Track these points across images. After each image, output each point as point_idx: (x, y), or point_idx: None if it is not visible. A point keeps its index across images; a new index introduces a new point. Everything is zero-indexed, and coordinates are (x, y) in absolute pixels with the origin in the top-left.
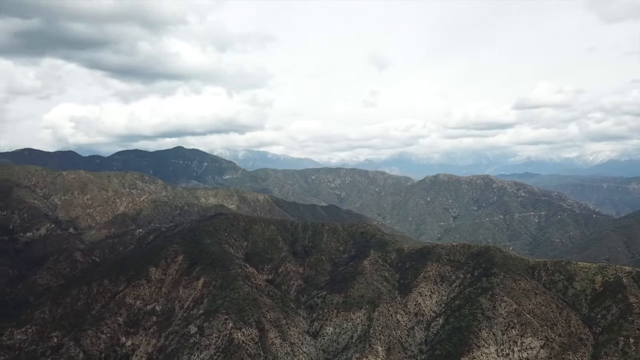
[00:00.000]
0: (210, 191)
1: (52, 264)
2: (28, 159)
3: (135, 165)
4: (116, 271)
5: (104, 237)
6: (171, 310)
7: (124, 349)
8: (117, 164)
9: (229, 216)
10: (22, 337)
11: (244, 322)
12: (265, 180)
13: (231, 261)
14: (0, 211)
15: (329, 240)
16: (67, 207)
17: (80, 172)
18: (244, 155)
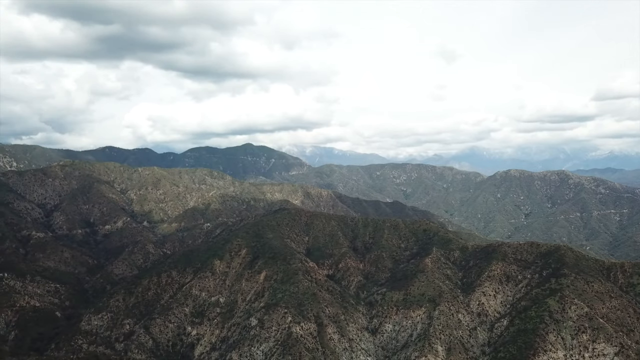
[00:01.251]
0: (275, 187)
1: (127, 255)
2: (109, 156)
3: (206, 162)
4: (183, 263)
5: (174, 230)
6: (234, 303)
7: (190, 338)
8: (189, 160)
9: (291, 211)
10: (99, 323)
11: (302, 316)
12: (330, 176)
13: (292, 255)
14: (83, 205)
15: (390, 236)
16: (141, 201)
17: (154, 168)
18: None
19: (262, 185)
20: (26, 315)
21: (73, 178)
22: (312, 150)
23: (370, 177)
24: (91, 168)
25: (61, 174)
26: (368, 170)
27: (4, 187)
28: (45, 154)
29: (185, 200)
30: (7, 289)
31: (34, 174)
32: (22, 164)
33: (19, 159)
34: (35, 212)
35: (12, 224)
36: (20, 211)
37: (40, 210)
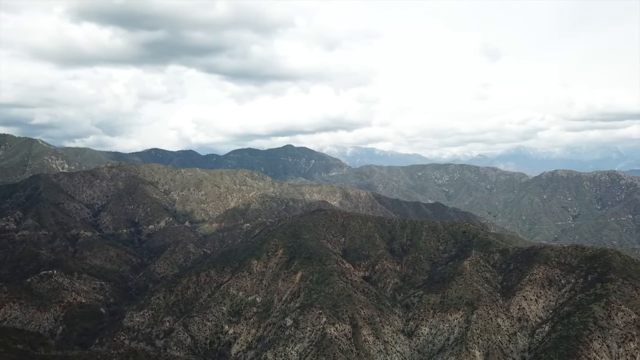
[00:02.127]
0: (314, 187)
1: (169, 255)
2: (154, 157)
3: (248, 163)
4: (222, 263)
5: (215, 230)
6: (270, 302)
7: (227, 337)
8: (231, 161)
9: (327, 212)
10: (140, 320)
11: (337, 317)
12: (370, 177)
13: (328, 256)
14: (128, 205)
15: (428, 238)
16: (184, 202)
17: (197, 170)
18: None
19: (301, 186)
20: (73, 311)
21: (119, 179)
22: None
23: (412, 178)
24: (136, 169)
25: (108, 175)
26: (409, 170)
27: (56, 188)
28: (95, 156)
29: (226, 201)
30: (56, 285)
31: (83, 176)
32: (73, 165)
33: (70, 161)
34: (84, 212)
35: (62, 223)
36: (70, 211)
37: (88, 210)
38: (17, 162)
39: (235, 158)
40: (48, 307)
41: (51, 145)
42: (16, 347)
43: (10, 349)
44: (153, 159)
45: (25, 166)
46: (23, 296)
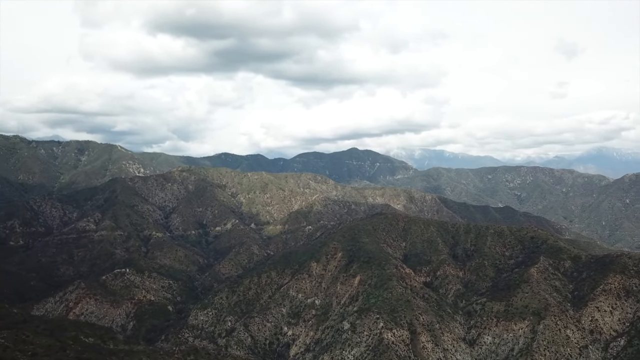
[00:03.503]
0: (377, 190)
1: (234, 256)
2: (224, 161)
3: (313, 166)
4: (282, 264)
5: (279, 232)
6: (329, 305)
7: (286, 338)
8: (297, 165)
9: (388, 216)
10: (204, 319)
11: (395, 322)
12: (437, 180)
13: (387, 261)
14: (197, 207)
15: (493, 244)
16: (250, 204)
17: (262, 173)
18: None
19: (364, 189)
20: (143, 307)
21: (190, 182)
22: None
23: (481, 181)
24: (205, 173)
25: (179, 178)
26: (478, 173)
27: (131, 191)
28: (169, 161)
29: (290, 204)
30: (128, 283)
31: (156, 179)
32: (149, 169)
33: (145, 165)
34: (156, 213)
35: (136, 224)
36: (144, 213)
37: (160, 212)
38: (99, 167)
39: (300, 162)
40: (120, 304)
41: (129, 151)
42: (86, 341)
43: (81, 342)
44: (223, 162)
45: (106, 170)
46: (98, 292)
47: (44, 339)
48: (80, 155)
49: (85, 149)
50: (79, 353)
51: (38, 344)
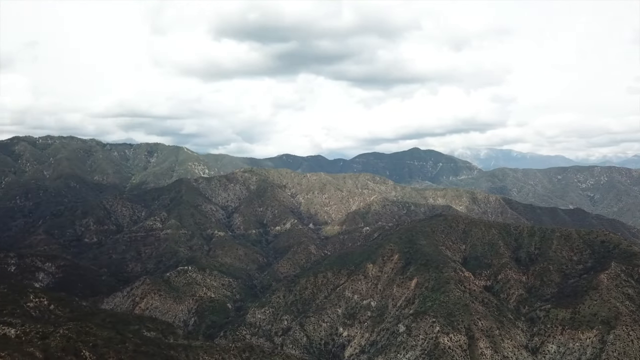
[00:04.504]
0: (438, 191)
1: (292, 255)
2: (285, 162)
3: (373, 167)
4: (339, 265)
5: (336, 232)
6: (384, 307)
7: (341, 339)
8: (357, 166)
9: (447, 217)
10: (262, 317)
11: (452, 327)
12: (503, 180)
13: (445, 263)
14: (258, 207)
15: (559, 247)
16: (308, 205)
17: (321, 174)
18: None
19: (425, 190)
20: (204, 304)
21: (251, 183)
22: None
23: (550, 182)
24: (266, 174)
25: (241, 179)
26: (547, 173)
27: (195, 192)
28: (232, 162)
29: (348, 204)
30: (190, 280)
31: (219, 180)
32: (213, 171)
33: (210, 166)
34: (219, 213)
35: (199, 223)
36: (207, 212)
37: (223, 212)
38: (166, 168)
39: (360, 162)
40: (183, 300)
41: (194, 153)
42: (146, 335)
43: (141, 335)
44: (284, 164)
45: (173, 172)
46: (162, 288)
47: (105, 332)
48: (149, 157)
49: (155, 151)
50: (137, 346)
51: (99, 336)
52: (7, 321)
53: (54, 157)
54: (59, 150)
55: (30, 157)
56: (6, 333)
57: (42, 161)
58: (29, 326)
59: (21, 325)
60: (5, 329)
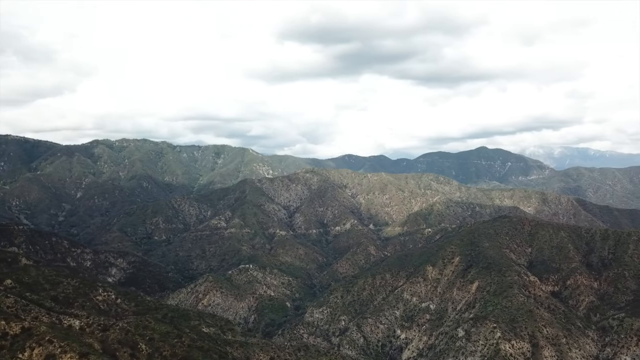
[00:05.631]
0: (505, 192)
1: (351, 256)
2: (348, 163)
3: (438, 167)
4: (397, 267)
5: (397, 234)
6: (444, 311)
7: (398, 341)
8: (421, 165)
9: (512, 219)
10: (319, 317)
11: (514, 333)
12: (577, 181)
13: (509, 267)
14: (319, 207)
15: (636, 252)
16: (369, 205)
17: (382, 174)
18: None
19: (491, 191)
20: (263, 302)
21: (312, 183)
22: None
23: (631, 182)
24: (327, 174)
25: (303, 180)
26: (627, 173)
27: (259, 192)
28: (296, 163)
29: (410, 205)
30: (251, 278)
31: (282, 180)
32: (277, 171)
33: (274, 167)
34: (281, 213)
35: (262, 222)
36: (269, 212)
37: (284, 212)
38: (232, 169)
39: (425, 162)
40: (244, 297)
41: (259, 154)
42: (204, 330)
43: (198, 331)
44: (346, 164)
45: (239, 172)
46: (224, 286)
47: (163, 326)
48: (216, 159)
49: (221, 153)
50: (193, 341)
51: (157, 330)
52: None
53: (129, 158)
54: (133, 152)
55: (107, 159)
56: (71, 324)
57: (118, 163)
58: (93, 318)
59: (86, 318)
60: (70, 320)
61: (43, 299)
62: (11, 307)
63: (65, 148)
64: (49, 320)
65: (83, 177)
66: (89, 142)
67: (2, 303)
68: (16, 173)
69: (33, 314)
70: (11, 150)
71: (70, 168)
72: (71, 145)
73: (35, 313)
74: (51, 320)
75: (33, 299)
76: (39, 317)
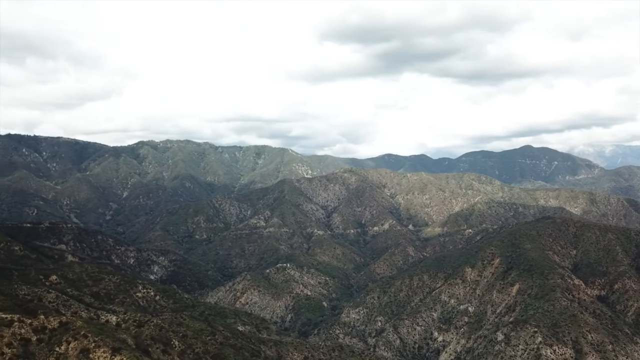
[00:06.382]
0: (551, 192)
1: (389, 256)
2: (387, 162)
3: (481, 166)
4: (435, 268)
5: (436, 234)
6: (483, 314)
7: (435, 344)
8: (463, 165)
9: (556, 220)
10: (356, 317)
11: (556, 338)
12: (629, 180)
13: (551, 270)
14: (357, 207)
15: None
16: (408, 205)
17: (422, 174)
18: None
19: (535, 191)
20: (300, 301)
21: (350, 183)
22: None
23: None
24: (365, 174)
25: (341, 179)
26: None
27: (297, 191)
28: (334, 163)
29: (450, 205)
30: (288, 277)
31: (320, 180)
32: (316, 171)
33: (313, 167)
34: (318, 212)
35: (300, 222)
36: (307, 212)
37: (322, 211)
38: (272, 169)
39: (467, 161)
40: (281, 296)
41: (298, 154)
42: (238, 328)
43: (232, 329)
44: (386, 164)
45: (278, 172)
46: (262, 284)
47: (197, 324)
48: (257, 159)
49: (262, 153)
50: (226, 338)
51: (190, 327)
52: (112, 309)
53: (172, 159)
54: (177, 153)
55: (152, 159)
56: (108, 320)
57: (162, 163)
58: (130, 314)
59: (123, 314)
60: (108, 315)
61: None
62: (52, 303)
63: (113, 149)
64: (87, 315)
65: (129, 177)
66: (134, 144)
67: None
68: (67, 173)
69: (73, 309)
70: (63, 151)
71: (117, 169)
72: (118, 146)
73: (75, 308)
74: (89, 315)
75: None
76: (78, 313)
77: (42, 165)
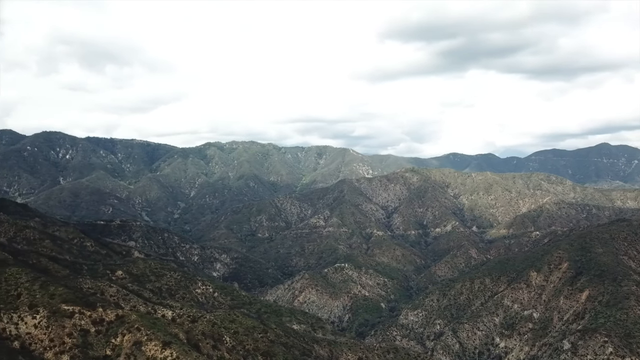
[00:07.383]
0: (629, 193)
1: (450, 258)
2: (452, 162)
3: (552, 165)
4: (498, 271)
5: (501, 236)
6: (548, 320)
7: (497, 350)
8: (533, 164)
9: (632, 223)
10: (414, 319)
11: (629, 349)
12: None
13: (625, 276)
14: (418, 208)
15: None
16: (472, 206)
17: (487, 173)
18: None
19: (612, 191)
20: (358, 302)
21: (412, 183)
22: None
23: None
24: (428, 174)
25: (402, 179)
26: None
27: (357, 191)
28: (397, 162)
29: (517, 206)
30: (346, 277)
31: (380, 180)
32: (377, 171)
33: (374, 167)
34: (378, 213)
35: (359, 222)
36: (367, 212)
37: (382, 212)
38: (333, 169)
39: (537, 160)
40: (338, 296)
41: (359, 154)
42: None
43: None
44: (450, 163)
45: (339, 172)
46: (319, 284)
47: (249, 321)
48: (318, 159)
49: (323, 153)
50: (277, 336)
51: (243, 324)
52: (169, 304)
53: (237, 159)
54: (242, 153)
55: (218, 160)
56: (164, 314)
57: (227, 163)
58: (185, 310)
59: (179, 309)
60: (164, 310)
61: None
62: (113, 296)
63: (181, 150)
64: (145, 309)
65: (196, 177)
66: (202, 145)
67: (107, 292)
68: (139, 174)
69: (132, 303)
70: (136, 153)
71: (185, 169)
72: (186, 147)
73: (134, 302)
74: (147, 309)
75: (134, 289)
76: (136, 307)
77: (117, 166)
